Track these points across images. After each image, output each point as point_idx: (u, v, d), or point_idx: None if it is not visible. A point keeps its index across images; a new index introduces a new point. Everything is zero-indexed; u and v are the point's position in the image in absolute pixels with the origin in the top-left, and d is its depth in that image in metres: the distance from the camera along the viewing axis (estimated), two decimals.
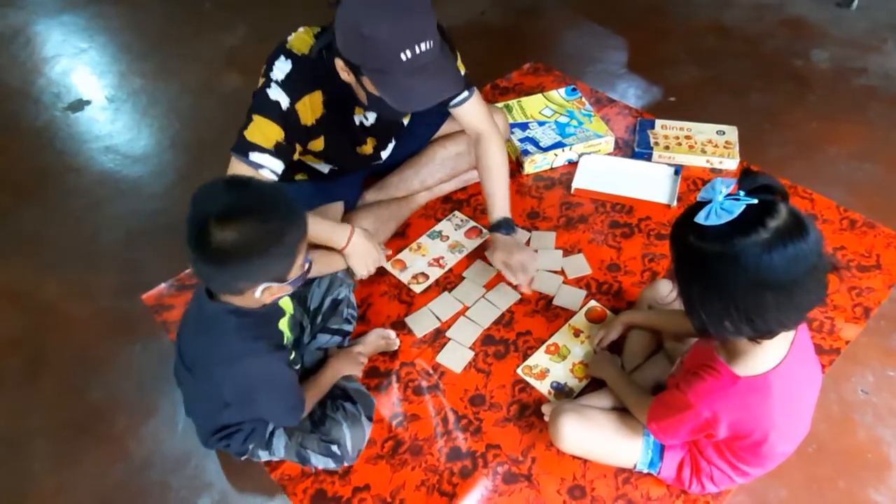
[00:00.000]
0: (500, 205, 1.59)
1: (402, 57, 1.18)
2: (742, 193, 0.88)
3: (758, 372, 0.98)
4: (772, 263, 0.85)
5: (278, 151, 1.37)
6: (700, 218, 0.88)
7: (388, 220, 1.73)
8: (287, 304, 1.23)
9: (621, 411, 1.25)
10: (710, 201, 0.88)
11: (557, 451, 1.30)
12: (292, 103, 1.35)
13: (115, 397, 1.51)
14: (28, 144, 2.27)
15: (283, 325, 1.22)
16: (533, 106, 2.09)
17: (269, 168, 1.37)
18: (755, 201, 0.87)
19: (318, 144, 1.48)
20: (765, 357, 0.98)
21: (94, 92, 2.48)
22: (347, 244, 1.50)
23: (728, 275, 0.88)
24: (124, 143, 2.25)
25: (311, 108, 1.39)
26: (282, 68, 1.35)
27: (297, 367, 1.29)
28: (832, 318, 1.50)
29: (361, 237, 1.53)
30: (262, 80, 1.36)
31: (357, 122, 1.54)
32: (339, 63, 1.28)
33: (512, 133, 1.97)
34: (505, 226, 1.58)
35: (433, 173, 1.81)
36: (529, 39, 2.54)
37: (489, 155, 1.59)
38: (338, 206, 1.64)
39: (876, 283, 1.57)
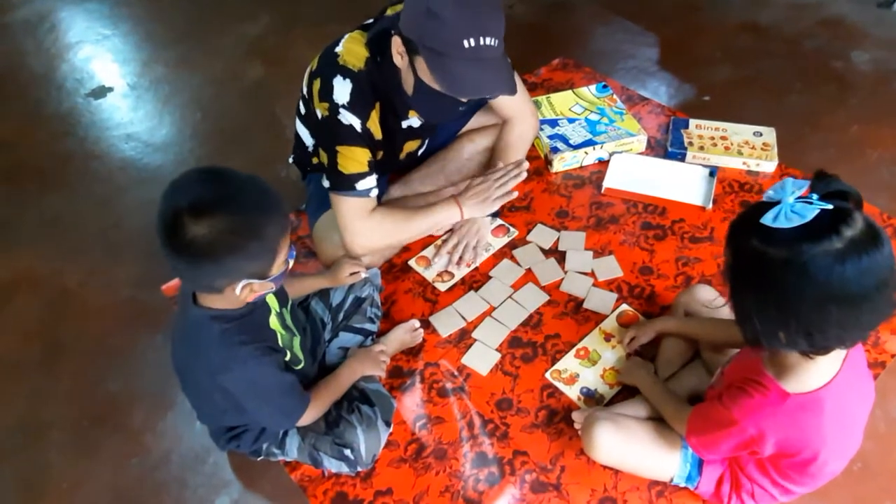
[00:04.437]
0: None
1: (465, 44, 1.15)
2: (815, 197, 0.82)
3: (809, 389, 0.92)
4: (843, 275, 0.79)
5: (371, 168, 1.39)
6: (767, 219, 0.82)
7: None
8: (272, 301, 1.17)
9: (658, 421, 1.20)
10: (778, 202, 0.82)
11: (587, 460, 1.25)
12: (363, 124, 1.35)
13: (134, 389, 1.49)
14: (51, 130, 2.26)
15: (274, 323, 1.16)
16: (562, 102, 2.04)
17: (373, 186, 1.40)
18: (830, 207, 0.81)
19: (378, 156, 1.48)
20: (817, 373, 0.93)
21: (116, 79, 2.47)
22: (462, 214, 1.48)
23: (792, 284, 0.81)
24: (146, 131, 2.22)
25: (377, 122, 1.40)
26: (343, 90, 1.32)
27: (299, 366, 1.23)
28: (877, 331, 1.44)
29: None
30: (325, 106, 1.33)
31: (405, 126, 1.51)
32: (395, 42, 1.25)
33: (541, 129, 1.92)
34: None
35: (460, 168, 1.76)
36: (559, 34, 2.49)
37: (515, 136, 1.63)
38: None
39: None
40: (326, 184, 1.40)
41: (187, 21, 2.78)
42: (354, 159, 1.35)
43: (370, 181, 1.38)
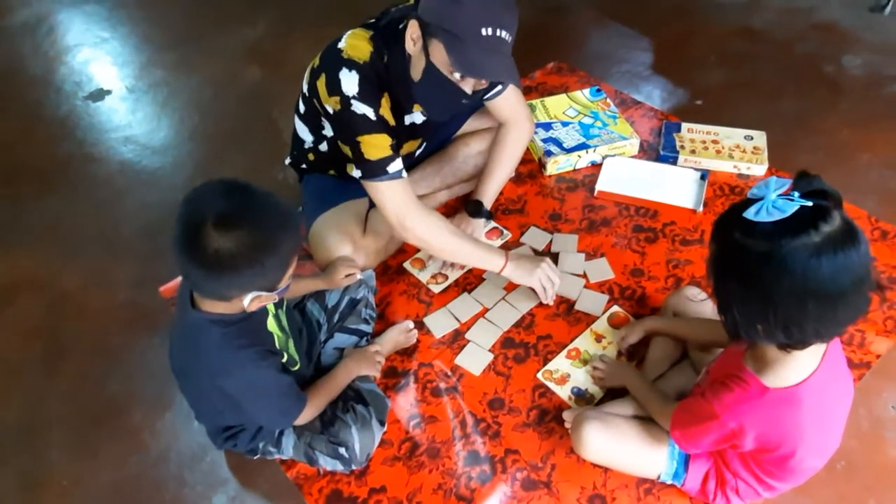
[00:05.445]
0: (487, 191, 1.69)
1: (483, 32, 1.20)
2: (796, 194, 0.85)
3: (788, 384, 0.95)
4: (819, 269, 0.82)
5: (396, 151, 1.40)
6: (749, 213, 0.85)
7: None
8: (269, 305, 1.18)
9: (646, 420, 1.22)
10: (761, 198, 0.85)
11: (577, 458, 1.28)
12: (376, 112, 1.37)
13: (133, 390, 1.51)
14: (50, 133, 2.28)
15: (271, 325, 1.19)
16: (556, 106, 2.06)
17: (402, 168, 1.40)
18: (809, 204, 0.83)
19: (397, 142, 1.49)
20: (795, 368, 0.95)
21: (114, 82, 2.49)
22: (504, 268, 1.46)
23: (772, 276, 0.85)
24: (144, 133, 2.24)
25: (388, 110, 1.40)
26: (350, 81, 1.34)
27: (296, 367, 1.25)
28: (863, 332, 1.46)
29: (516, 261, 1.48)
30: (336, 100, 1.35)
31: (408, 123, 1.53)
32: (411, 26, 1.28)
33: (535, 133, 1.94)
34: (474, 206, 1.68)
35: (455, 171, 1.79)
36: (554, 38, 2.51)
37: (510, 140, 1.66)
38: (362, 203, 1.62)
39: None
40: (357, 174, 1.41)
41: (185, 24, 2.80)
42: (377, 145, 1.37)
43: (399, 163, 1.39)
